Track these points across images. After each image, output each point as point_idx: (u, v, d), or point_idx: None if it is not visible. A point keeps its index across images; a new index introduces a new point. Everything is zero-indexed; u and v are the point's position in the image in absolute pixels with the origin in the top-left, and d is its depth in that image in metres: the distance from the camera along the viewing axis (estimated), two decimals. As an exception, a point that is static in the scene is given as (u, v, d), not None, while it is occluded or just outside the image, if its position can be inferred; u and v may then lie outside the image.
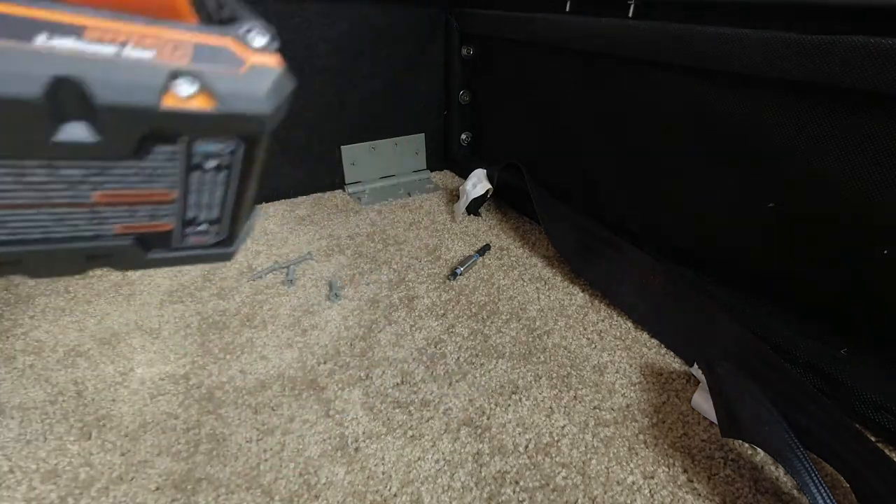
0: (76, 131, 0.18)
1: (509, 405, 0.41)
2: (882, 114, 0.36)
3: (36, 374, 0.44)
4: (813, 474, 0.31)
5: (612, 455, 0.37)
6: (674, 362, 0.46)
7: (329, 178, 0.82)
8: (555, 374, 0.44)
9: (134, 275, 0.59)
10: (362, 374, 0.45)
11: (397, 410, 0.41)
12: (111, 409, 0.41)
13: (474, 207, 0.74)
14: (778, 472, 0.36)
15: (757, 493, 0.34)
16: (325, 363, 0.46)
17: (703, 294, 0.50)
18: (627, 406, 0.41)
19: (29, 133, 0.18)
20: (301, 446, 0.38)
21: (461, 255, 0.64)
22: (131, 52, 0.18)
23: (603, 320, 0.51)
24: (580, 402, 0.42)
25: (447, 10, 0.80)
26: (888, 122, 0.36)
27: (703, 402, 0.40)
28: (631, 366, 0.45)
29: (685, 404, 0.41)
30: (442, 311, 0.53)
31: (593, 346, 0.48)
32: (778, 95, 0.42)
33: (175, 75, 0.18)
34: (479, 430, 0.39)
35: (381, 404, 0.42)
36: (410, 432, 0.39)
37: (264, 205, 0.78)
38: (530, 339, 0.49)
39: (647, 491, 0.34)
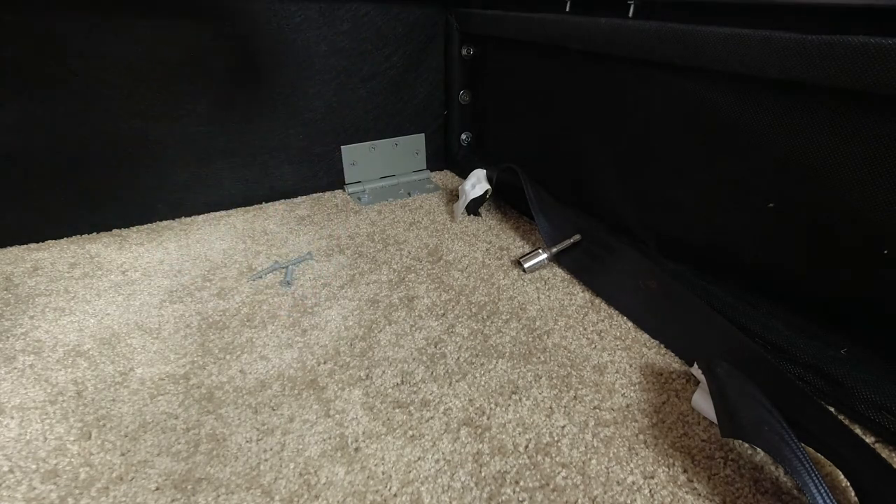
0: None
1: (509, 405, 0.41)
2: (882, 114, 0.36)
3: (36, 374, 0.44)
4: (813, 474, 0.31)
5: (612, 455, 0.37)
6: (674, 362, 0.46)
7: (329, 178, 0.82)
8: (555, 374, 0.44)
9: (134, 274, 0.59)
10: (362, 374, 0.45)
11: (397, 410, 0.41)
12: (111, 409, 0.41)
13: (474, 207, 0.74)
14: (778, 472, 0.36)
15: (757, 493, 0.34)
16: (325, 363, 0.46)
17: (701, 295, 0.50)
18: (627, 406, 0.41)
19: None
20: (301, 446, 0.38)
21: (461, 254, 0.64)
22: None
23: (603, 320, 0.51)
24: (580, 402, 0.42)
25: (447, 10, 0.80)
26: (889, 123, 0.36)
27: (703, 402, 0.40)
28: (631, 366, 0.45)
29: (685, 404, 0.41)
30: (442, 311, 0.53)
31: (593, 346, 0.48)
32: (778, 95, 0.42)
33: None
34: (479, 430, 0.39)
35: (381, 404, 0.42)
36: (410, 432, 0.39)
37: (264, 205, 0.78)
38: (530, 339, 0.49)
39: (647, 491, 0.34)
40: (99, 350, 0.47)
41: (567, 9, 0.62)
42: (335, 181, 0.83)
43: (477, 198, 0.72)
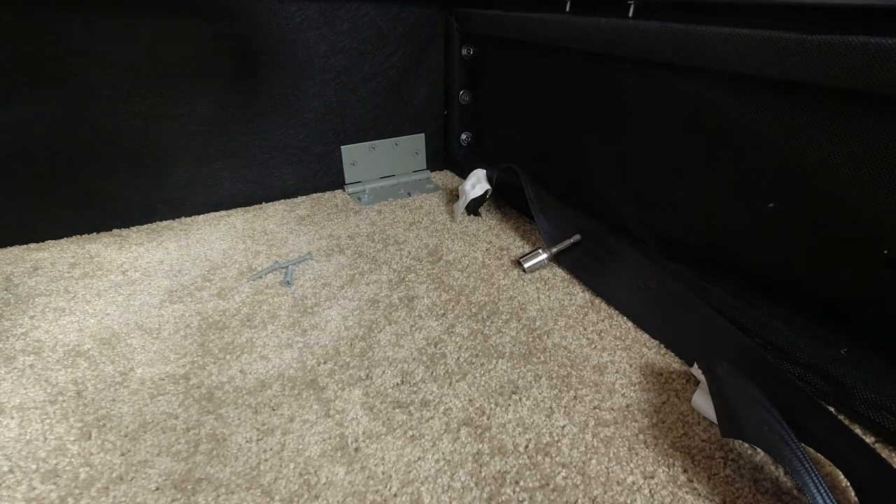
0: None
1: (509, 405, 0.41)
2: (882, 114, 0.36)
3: (36, 374, 0.44)
4: (813, 474, 0.31)
5: (612, 455, 0.37)
6: (674, 362, 0.46)
7: (329, 178, 0.82)
8: (555, 374, 0.44)
9: (134, 274, 0.59)
10: (362, 374, 0.45)
11: (397, 410, 0.41)
12: (111, 409, 0.41)
13: (474, 207, 0.74)
14: (778, 472, 0.36)
15: (757, 493, 0.34)
16: (325, 363, 0.46)
17: (701, 295, 0.50)
18: (627, 406, 0.41)
19: None
20: (301, 446, 0.38)
21: (461, 254, 0.64)
22: None
23: (603, 320, 0.51)
24: (580, 402, 0.42)
25: (447, 10, 0.80)
26: (889, 123, 0.36)
27: (703, 402, 0.40)
28: (631, 366, 0.45)
29: (685, 404, 0.41)
30: (442, 311, 0.53)
31: (593, 346, 0.48)
32: (778, 95, 0.42)
33: None
34: (479, 430, 0.39)
35: (381, 404, 0.42)
36: (410, 432, 0.39)
37: (264, 205, 0.78)
38: (530, 339, 0.49)
39: (647, 491, 0.34)
40: (99, 350, 0.47)
41: (567, 9, 0.62)
42: (335, 181, 0.83)
43: (477, 198, 0.72)
